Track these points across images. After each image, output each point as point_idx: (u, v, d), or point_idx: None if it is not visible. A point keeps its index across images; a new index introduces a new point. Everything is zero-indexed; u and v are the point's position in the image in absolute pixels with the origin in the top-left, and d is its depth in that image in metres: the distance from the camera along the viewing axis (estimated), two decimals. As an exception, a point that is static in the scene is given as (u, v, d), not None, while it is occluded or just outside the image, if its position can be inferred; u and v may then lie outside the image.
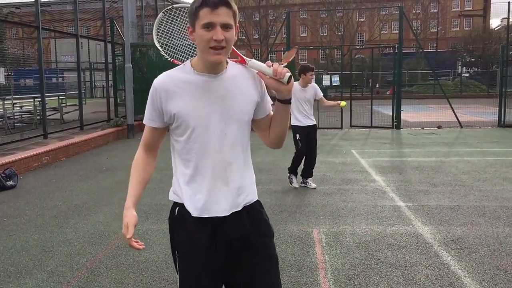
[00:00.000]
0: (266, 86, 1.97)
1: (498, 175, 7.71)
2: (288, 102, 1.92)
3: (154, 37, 2.32)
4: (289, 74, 1.83)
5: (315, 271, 3.99)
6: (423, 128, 14.82)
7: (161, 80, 1.94)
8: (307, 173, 7.16)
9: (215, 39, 1.77)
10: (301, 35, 56.15)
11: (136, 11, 16.20)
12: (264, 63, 1.92)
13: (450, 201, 6.15)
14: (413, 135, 13.36)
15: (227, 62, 1.95)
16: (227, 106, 1.90)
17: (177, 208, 1.97)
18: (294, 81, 6.52)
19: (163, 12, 2.34)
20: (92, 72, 23.25)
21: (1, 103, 10.96)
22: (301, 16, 51.66)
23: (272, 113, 2.05)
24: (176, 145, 1.97)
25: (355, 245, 4.60)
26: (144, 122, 2.01)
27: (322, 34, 52.02)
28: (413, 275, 3.86)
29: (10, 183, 7.23)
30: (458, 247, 4.51)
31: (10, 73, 10.59)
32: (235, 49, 1.99)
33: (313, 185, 7.08)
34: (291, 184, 7.08)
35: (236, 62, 1.99)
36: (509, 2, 15.56)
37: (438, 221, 5.30)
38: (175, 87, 1.90)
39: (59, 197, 6.64)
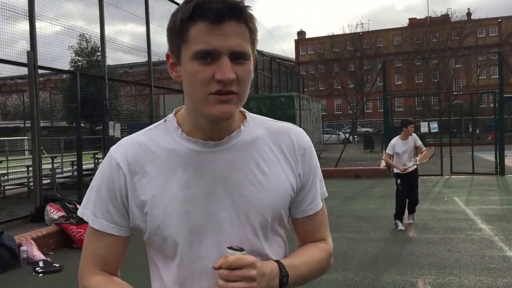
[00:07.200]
0: None
1: None
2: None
3: None
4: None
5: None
6: (530, 175, 13.94)
7: (125, 149, 1.09)
8: (410, 209, 7.62)
9: (220, 80, 0.97)
10: (396, 83, 55.52)
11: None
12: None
13: None
14: (520, 182, 12.62)
15: (245, 117, 1.14)
16: (237, 196, 1.07)
17: None
18: (396, 135, 6.90)
19: None
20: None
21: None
22: (396, 65, 51.31)
23: (320, 214, 1.20)
24: (157, 271, 1.13)
25: (464, 295, 4.49)
26: (90, 223, 1.10)
27: (417, 82, 51.17)
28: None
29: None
30: None
31: (124, 127, 11.64)
32: None
33: (406, 222, 7.50)
34: (397, 228, 7.30)
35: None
36: None
37: (555, 273, 5.02)
38: (150, 161, 1.07)
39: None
